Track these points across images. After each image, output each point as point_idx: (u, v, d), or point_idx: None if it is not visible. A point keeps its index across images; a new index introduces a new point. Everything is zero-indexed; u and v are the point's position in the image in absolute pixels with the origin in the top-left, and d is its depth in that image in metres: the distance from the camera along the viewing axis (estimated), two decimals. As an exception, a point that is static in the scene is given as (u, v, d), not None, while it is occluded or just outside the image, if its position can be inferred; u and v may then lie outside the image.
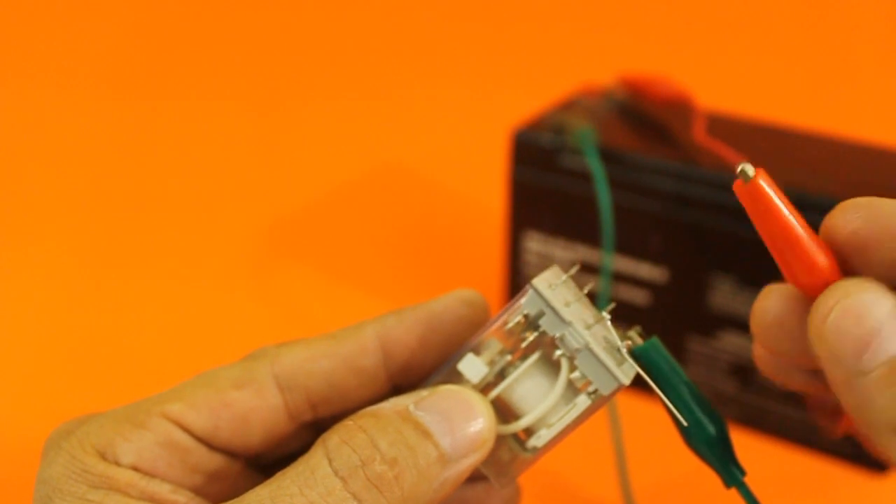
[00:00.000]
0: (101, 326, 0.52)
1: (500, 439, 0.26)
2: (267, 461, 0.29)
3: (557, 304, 0.25)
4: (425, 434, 0.24)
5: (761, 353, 0.27)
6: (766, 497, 0.26)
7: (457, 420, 0.24)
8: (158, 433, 0.26)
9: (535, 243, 0.47)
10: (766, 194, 0.24)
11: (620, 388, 0.25)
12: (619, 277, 0.45)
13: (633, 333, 0.27)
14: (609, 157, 0.43)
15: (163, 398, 0.26)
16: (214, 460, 0.27)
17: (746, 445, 0.45)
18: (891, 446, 0.22)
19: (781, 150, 0.43)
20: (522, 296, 0.25)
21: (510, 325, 0.26)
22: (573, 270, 0.27)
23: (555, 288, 0.26)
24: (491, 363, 0.26)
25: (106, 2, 0.96)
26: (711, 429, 0.26)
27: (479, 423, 0.25)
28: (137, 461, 0.25)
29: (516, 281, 0.48)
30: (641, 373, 0.26)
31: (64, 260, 0.58)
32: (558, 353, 0.25)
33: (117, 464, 0.25)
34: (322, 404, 0.28)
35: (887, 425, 0.22)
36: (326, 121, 0.77)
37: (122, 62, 0.87)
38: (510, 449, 0.27)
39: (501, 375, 0.26)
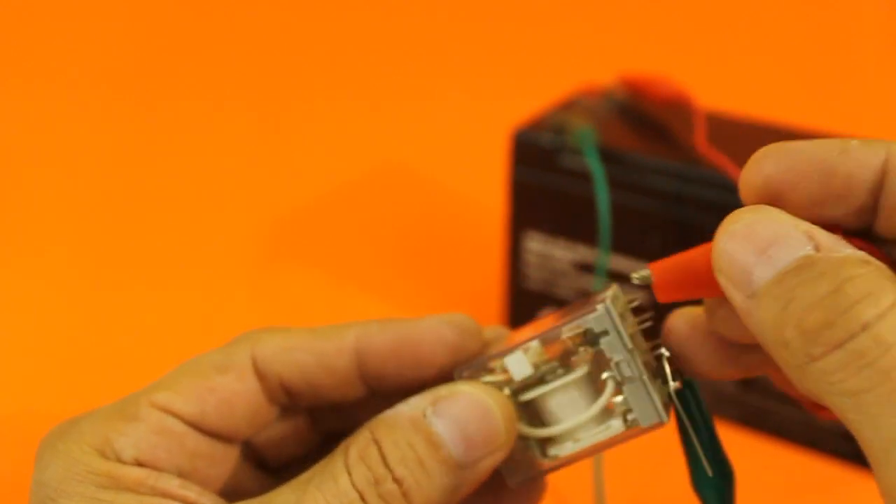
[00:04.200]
0: (100, 327, 0.52)
1: (523, 439, 0.27)
2: (261, 445, 0.30)
3: (624, 330, 0.25)
4: (436, 446, 0.24)
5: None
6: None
7: (472, 427, 0.25)
8: (151, 422, 0.26)
9: (535, 243, 0.47)
10: (671, 276, 0.25)
11: (661, 425, 0.25)
12: (619, 277, 0.45)
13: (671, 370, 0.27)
14: (609, 157, 0.43)
15: (148, 390, 0.27)
16: (208, 445, 0.27)
17: (746, 445, 0.46)
18: (780, 358, 0.21)
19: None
20: (590, 311, 0.25)
21: (566, 334, 0.26)
22: (636, 300, 0.27)
23: (625, 316, 0.26)
24: (535, 366, 0.26)
25: (106, 3, 0.96)
26: (724, 481, 0.26)
27: (496, 427, 0.25)
28: (138, 454, 0.25)
29: (516, 281, 0.48)
30: (681, 413, 0.26)
31: (63, 261, 0.58)
32: (606, 374, 0.26)
33: (119, 460, 0.25)
34: (296, 394, 0.28)
35: (777, 342, 0.20)
36: (327, 120, 0.76)
37: (122, 62, 0.87)
38: (529, 450, 0.27)
39: (540, 379, 0.26)
